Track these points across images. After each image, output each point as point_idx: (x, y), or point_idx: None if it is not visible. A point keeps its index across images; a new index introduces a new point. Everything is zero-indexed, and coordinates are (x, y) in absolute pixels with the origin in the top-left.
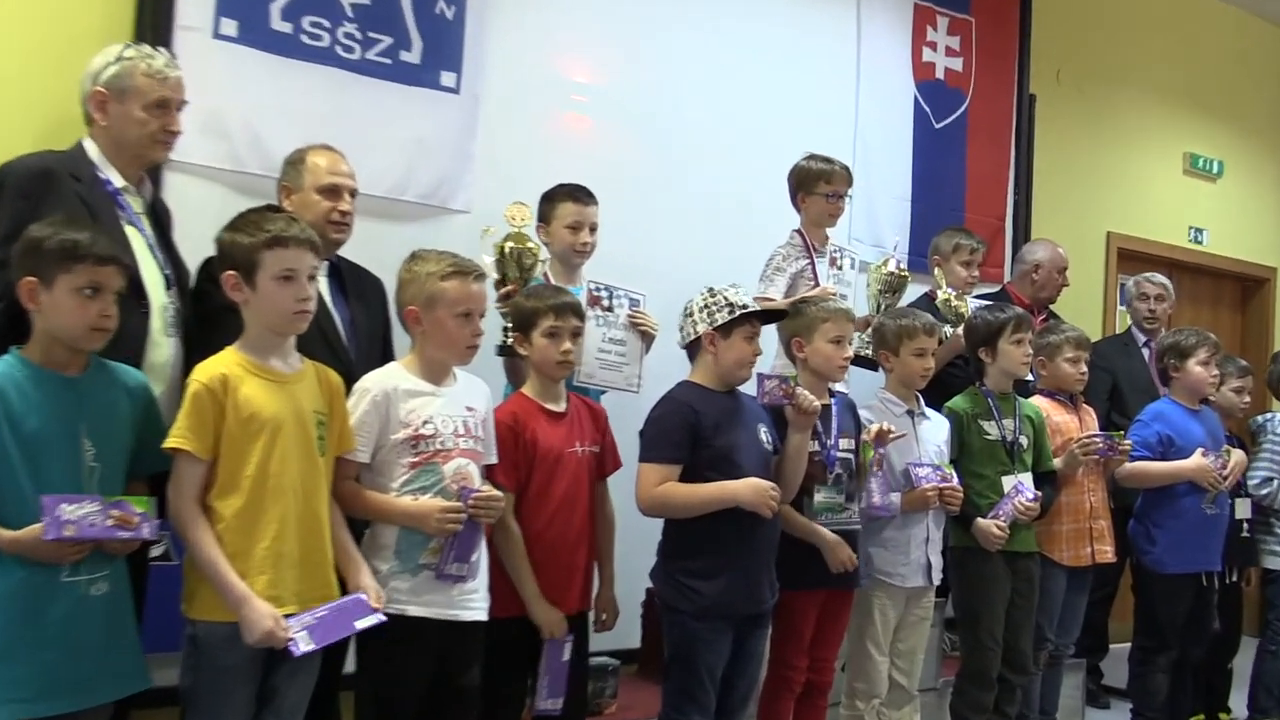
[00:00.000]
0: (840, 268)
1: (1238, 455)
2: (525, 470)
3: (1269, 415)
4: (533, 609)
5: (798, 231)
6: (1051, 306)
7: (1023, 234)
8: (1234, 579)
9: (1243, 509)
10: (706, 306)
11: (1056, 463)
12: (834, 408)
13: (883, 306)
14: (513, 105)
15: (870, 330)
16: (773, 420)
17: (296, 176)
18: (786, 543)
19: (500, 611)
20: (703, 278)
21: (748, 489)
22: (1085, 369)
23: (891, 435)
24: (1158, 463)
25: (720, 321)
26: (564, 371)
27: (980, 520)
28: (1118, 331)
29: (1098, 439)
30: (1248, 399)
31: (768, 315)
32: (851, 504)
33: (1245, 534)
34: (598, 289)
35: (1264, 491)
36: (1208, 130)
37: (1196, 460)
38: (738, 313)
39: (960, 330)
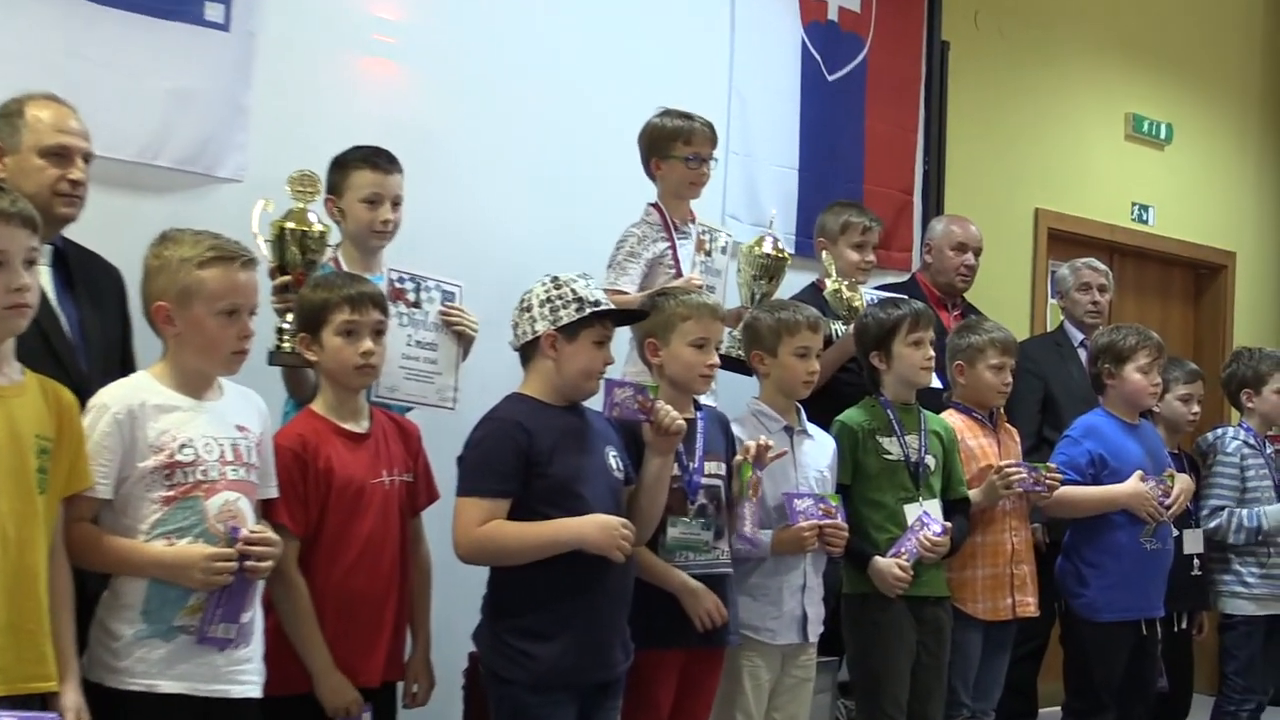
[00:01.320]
0: (709, 252)
1: (1182, 481)
2: (317, 507)
3: (1219, 431)
4: (319, 683)
5: (654, 206)
6: (969, 298)
7: (933, 210)
8: (1182, 626)
9: (1191, 543)
10: (549, 300)
11: (974, 493)
12: (699, 424)
13: (757, 297)
14: (297, 46)
15: (741, 326)
16: (624, 441)
17: (11, 134)
18: (642, 592)
19: (280, 687)
20: (539, 267)
21: (594, 528)
22: (1010, 379)
23: (772, 454)
24: (1088, 488)
25: (565, 320)
26: (365, 379)
27: (878, 559)
28: (1049, 329)
29: (1021, 469)
30: (1196, 409)
31: (623, 315)
32: (720, 542)
33: (1195, 572)
34: (401, 279)
35: (1214, 524)
36: (1154, 88)
37: (1133, 485)
38: (588, 311)
39: (853, 328)
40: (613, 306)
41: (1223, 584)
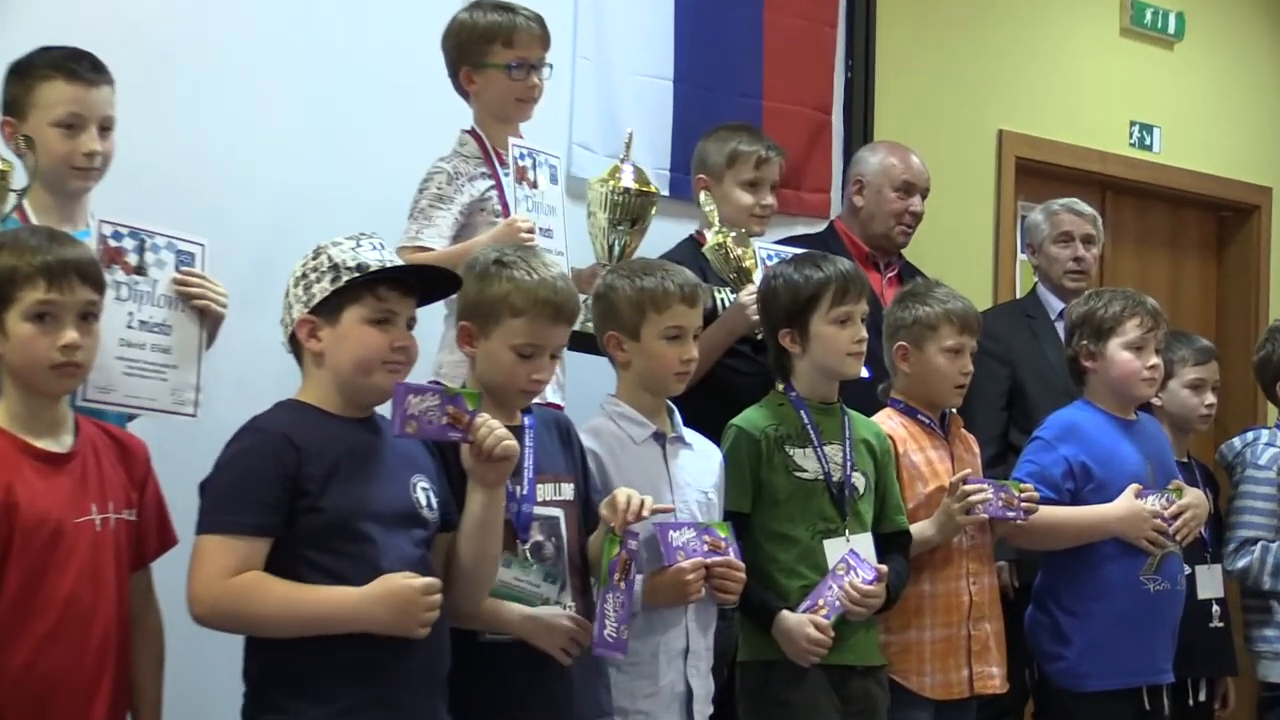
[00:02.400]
0: (535, 184)
1: (1192, 495)
2: None
3: (1250, 435)
4: None
5: (470, 133)
6: (909, 256)
7: (860, 135)
8: (1200, 698)
9: (1208, 583)
10: (304, 276)
11: (921, 525)
12: (526, 432)
13: (615, 250)
14: None
15: (592, 298)
16: (439, 466)
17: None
18: (466, 654)
19: None
20: (316, 220)
21: (384, 605)
22: (970, 366)
23: (655, 509)
24: (1066, 509)
25: (320, 297)
26: (67, 381)
27: (787, 615)
28: (1018, 295)
29: (985, 488)
30: (1211, 400)
31: (429, 281)
32: (563, 596)
33: (1215, 623)
34: (117, 235)
35: (1243, 561)
36: None
37: (1127, 503)
38: (344, 279)
39: (747, 297)
40: (396, 264)
41: (1261, 641)
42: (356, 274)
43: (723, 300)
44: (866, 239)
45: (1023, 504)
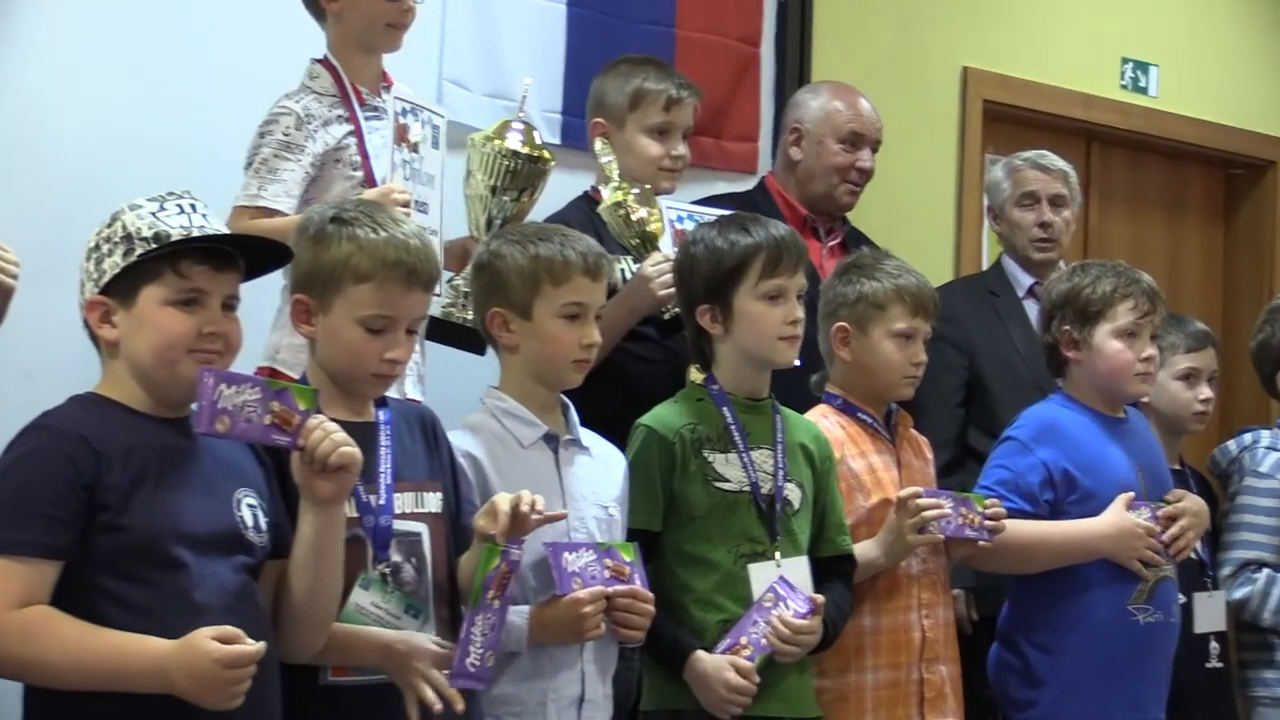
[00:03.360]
0: (415, 147)
1: (1192, 504)
2: None
3: (1248, 437)
4: None
5: (323, 63)
6: (854, 220)
7: (796, 74)
8: None
9: (1207, 613)
10: (97, 249)
11: (865, 546)
12: (382, 431)
13: (497, 221)
14: None
15: (471, 269)
16: (270, 479)
17: None
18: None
19: None
20: (128, 178)
21: (187, 671)
22: (923, 354)
23: (537, 517)
24: (1043, 524)
25: (111, 274)
26: None
27: (703, 656)
28: (984, 268)
29: (941, 501)
30: (1207, 395)
31: (257, 251)
32: (425, 627)
33: (1213, 663)
34: None
35: (1241, 591)
36: None
37: (1117, 517)
38: (137, 253)
39: (653, 268)
40: (203, 233)
41: (1259, 685)
42: (153, 246)
43: (623, 271)
44: (805, 199)
45: (986, 522)
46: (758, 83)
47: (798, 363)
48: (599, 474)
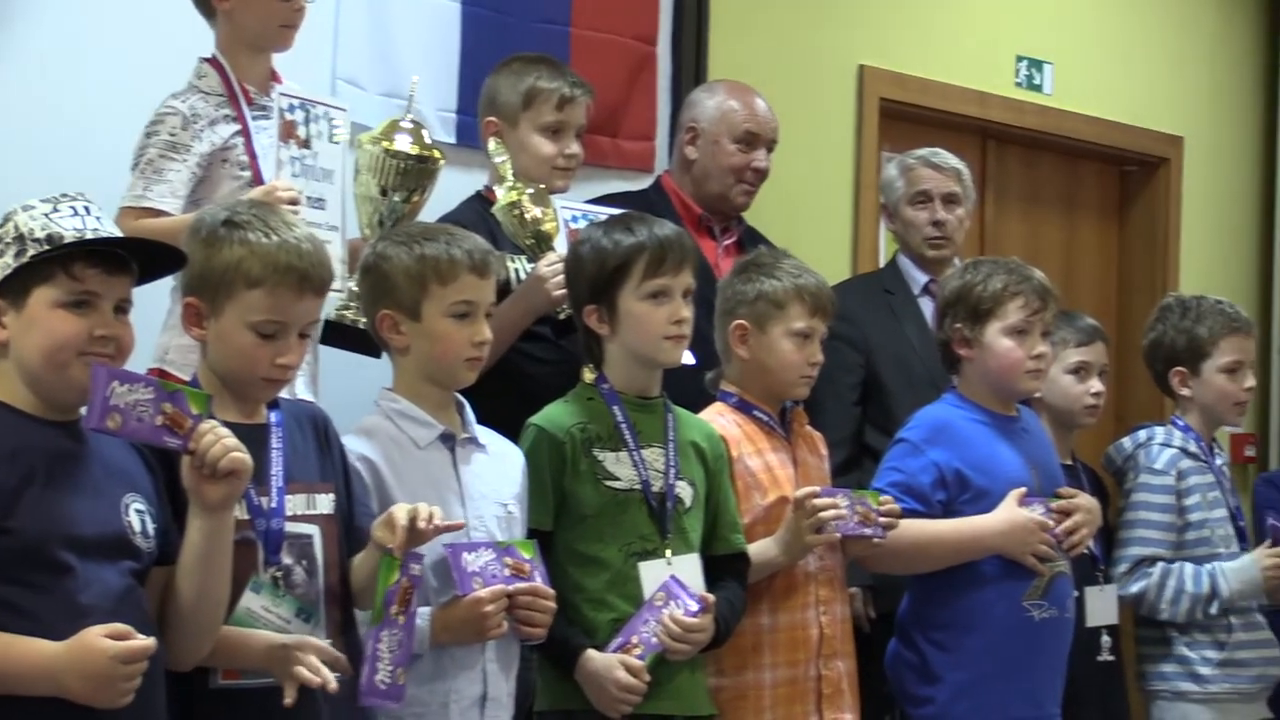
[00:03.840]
0: (307, 142)
1: (1085, 500)
2: None
3: (1142, 434)
4: None
5: (210, 62)
6: (750, 219)
7: (693, 72)
8: None
9: (1100, 607)
10: None
11: (762, 545)
12: (273, 432)
13: (388, 222)
14: None
15: (360, 271)
16: (159, 485)
17: None
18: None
19: None
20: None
21: (78, 671)
22: (820, 354)
23: (436, 524)
24: (937, 523)
25: (1, 276)
26: None
27: (594, 655)
28: (881, 265)
29: (838, 500)
30: (1098, 388)
31: (149, 254)
32: (316, 632)
33: (1105, 656)
34: None
35: (1137, 586)
36: None
37: (1009, 514)
38: (29, 255)
39: (547, 268)
40: (98, 236)
41: (1157, 679)
42: (46, 247)
43: (517, 270)
44: (700, 199)
45: (881, 519)
46: (654, 81)
47: (692, 361)
48: (497, 472)
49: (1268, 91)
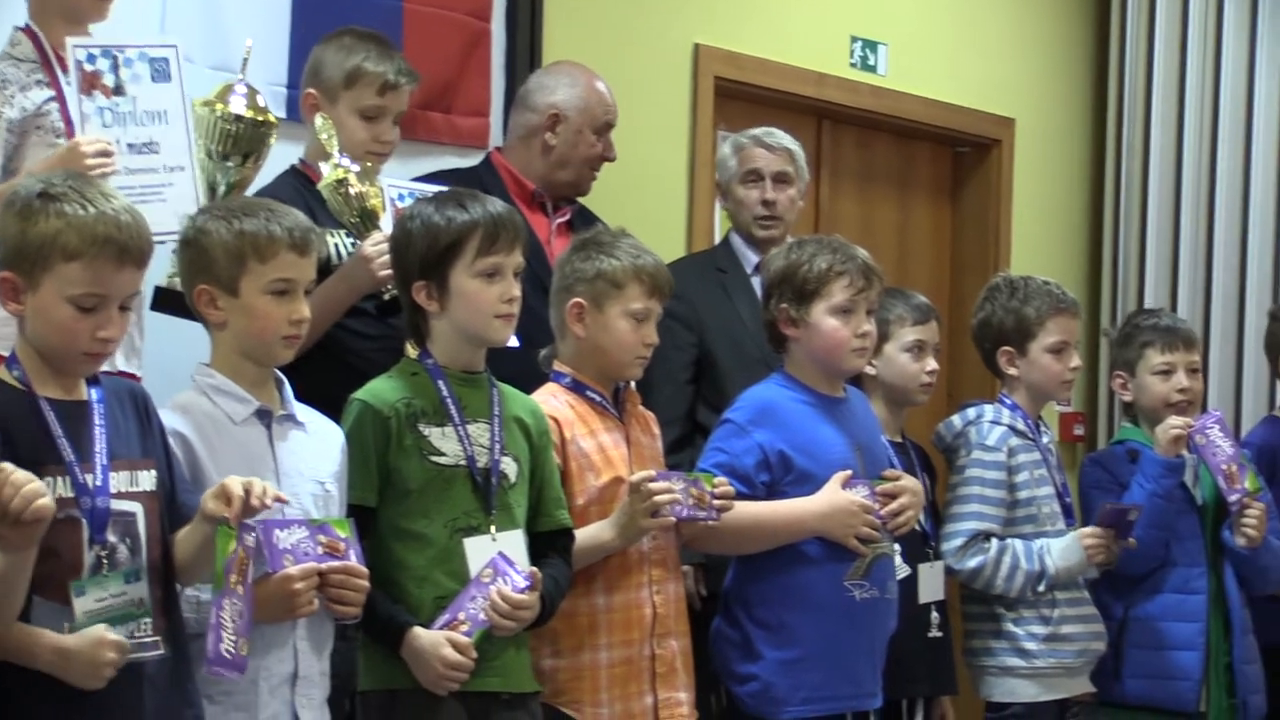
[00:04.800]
0: (119, 89)
1: (908, 481)
2: None
3: (972, 412)
4: None
5: (25, 30)
6: (582, 199)
7: (526, 50)
8: None
9: (931, 583)
10: None
11: (597, 528)
12: (94, 407)
13: (221, 189)
14: None
15: (178, 245)
16: None
17: None
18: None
19: None
20: None
21: None
22: (655, 335)
23: (277, 497)
24: (760, 505)
25: None
26: None
27: (420, 632)
28: (716, 242)
29: (673, 484)
30: (933, 367)
31: None
32: (140, 616)
33: (935, 632)
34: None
35: (973, 562)
36: None
37: (832, 496)
38: None
39: (372, 248)
40: None
41: (985, 655)
42: None
43: (337, 246)
44: (546, 181)
45: (716, 502)
46: (488, 58)
47: (516, 343)
48: (315, 450)
49: (1097, 75)
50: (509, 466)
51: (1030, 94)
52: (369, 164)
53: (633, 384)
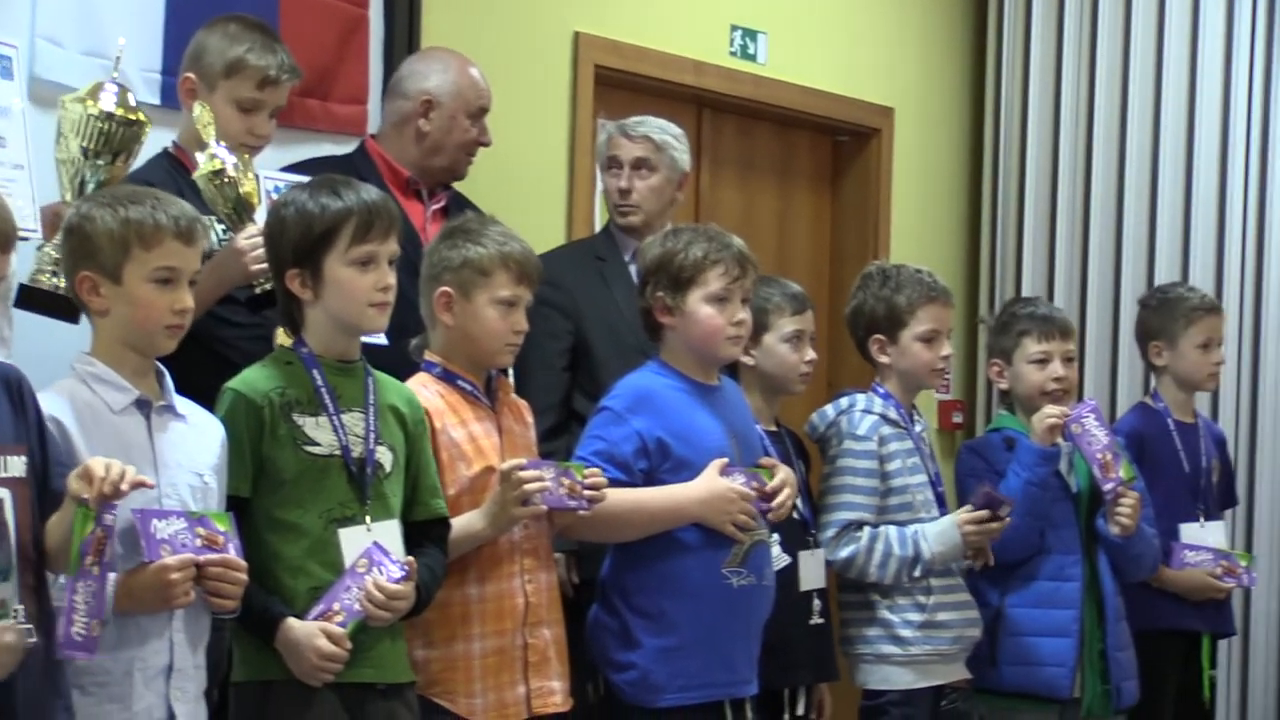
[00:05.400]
0: None
1: (784, 472)
2: None
3: (845, 401)
4: None
5: None
6: (465, 186)
7: (404, 37)
8: (797, 713)
9: (812, 571)
10: None
11: (469, 518)
12: None
13: (87, 186)
14: None
15: (62, 232)
16: None
17: None
18: None
19: None
20: None
21: None
22: (525, 322)
23: (136, 481)
24: (637, 492)
25: None
26: None
27: (294, 623)
28: (596, 230)
29: (543, 472)
30: (812, 356)
31: None
32: (9, 581)
33: (816, 619)
34: None
35: (846, 551)
36: None
37: (709, 483)
38: None
39: (246, 240)
40: None
41: (861, 643)
42: None
43: (216, 238)
44: (421, 168)
45: (586, 492)
46: (366, 45)
47: (383, 341)
48: (194, 441)
49: (975, 64)
50: (384, 456)
51: (909, 83)
52: (246, 155)
53: (509, 372)
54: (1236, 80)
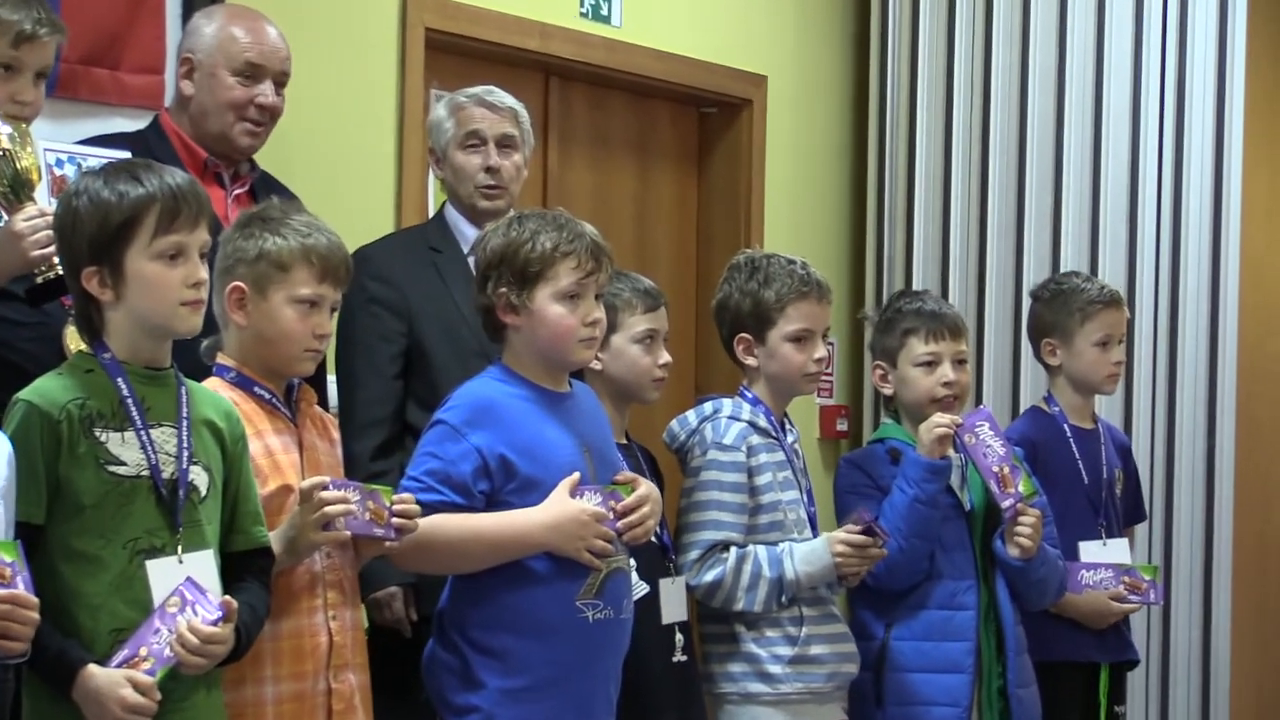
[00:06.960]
0: None
1: (645, 488)
2: None
3: (709, 408)
4: None
5: None
6: (275, 162)
7: (208, 2)
8: None
9: (672, 601)
10: None
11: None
12: None
13: None
14: None
15: None
16: None
17: None
18: None
19: None
20: None
21: None
22: (329, 324)
23: None
24: (475, 518)
25: None
26: None
27: (95, 671)
28: (430, 216)
29: (347, 494)
30: (666, 358)
31: None
32: None
33: (679, 656)
34: None
35: (710, 576)
36: None
37: (558, 505)
38: None
39: (25, 223)
40: None
41: (725, 680)
42: None
43: None
44: (201, 139)
45: (395, 520)
46: (162, 8)
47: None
48: None
49: (860, 27)
50: (199, 477)
51: (784, 49)
52: (24, 125)
53: (328, 380)
54: (1149, 36)
